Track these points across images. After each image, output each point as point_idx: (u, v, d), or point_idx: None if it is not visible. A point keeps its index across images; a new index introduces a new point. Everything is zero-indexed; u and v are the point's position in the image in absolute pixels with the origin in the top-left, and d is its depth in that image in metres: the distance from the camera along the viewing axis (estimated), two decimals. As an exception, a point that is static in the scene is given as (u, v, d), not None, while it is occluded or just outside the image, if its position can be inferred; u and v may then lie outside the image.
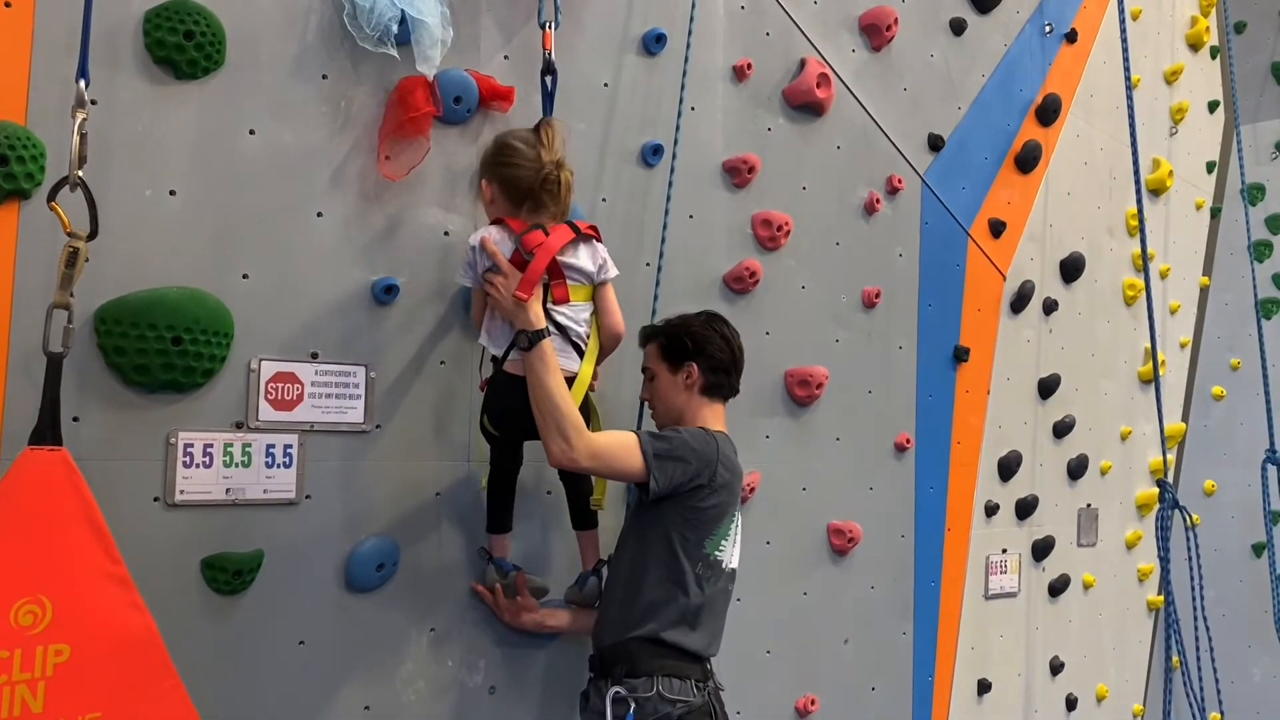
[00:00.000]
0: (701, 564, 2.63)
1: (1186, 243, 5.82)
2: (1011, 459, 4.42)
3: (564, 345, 2.55)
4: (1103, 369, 5.03)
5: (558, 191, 2.54)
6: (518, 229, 2.51)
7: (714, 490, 2.63)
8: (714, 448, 2.64)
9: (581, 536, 2.84)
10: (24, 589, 1.81)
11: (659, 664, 2.56)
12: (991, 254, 4.33)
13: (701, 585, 2.62)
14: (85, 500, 1.89)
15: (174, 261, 2.31)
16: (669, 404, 2.79)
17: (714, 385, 2.78)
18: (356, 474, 2.56)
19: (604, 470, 2.56)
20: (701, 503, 2.62)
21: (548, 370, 2.43)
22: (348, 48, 2.54)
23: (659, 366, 2.79)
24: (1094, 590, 4.99)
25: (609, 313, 2.66)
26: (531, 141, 2.55)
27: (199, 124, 2.36)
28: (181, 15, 2.29)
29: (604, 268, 2.64)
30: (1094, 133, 4.95)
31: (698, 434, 2.66)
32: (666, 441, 2.59)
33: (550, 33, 2.75)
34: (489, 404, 2.60)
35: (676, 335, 2.78)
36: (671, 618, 2.59)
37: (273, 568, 2.43)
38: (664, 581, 2.60)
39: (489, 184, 2.58)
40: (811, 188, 3.60)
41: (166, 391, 2.29)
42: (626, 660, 2.56)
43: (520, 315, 2.44)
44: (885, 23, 3.79)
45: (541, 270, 2.46)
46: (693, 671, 2.60)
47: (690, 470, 2.58)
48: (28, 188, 2.11)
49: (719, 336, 2.79)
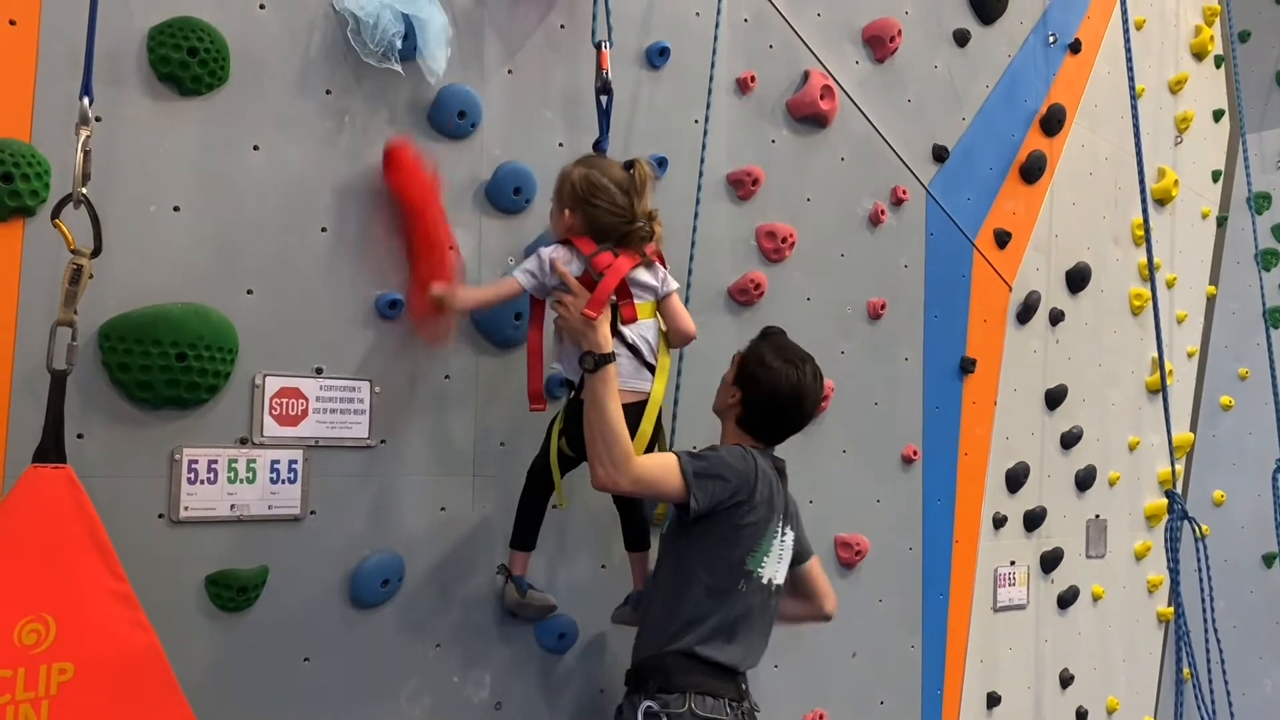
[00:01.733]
0: (743, 579, 2.60)
1: (1193, 252, 5.81)
2: (1019, 470, 4.41)
3: (638, 367, 2.57)
4: (1110, 379, 5.01)
5: (644, 245, 2.56)
6: (586, 250, 2.51)
7: (753, 507, 2.60)
8: (752, 464, 2.62)
9: (635, 558, 2.85)
10: (28, 607, 1.80)
11: (693, 680, 2.52)
12: (997, 264, 4.32)
13: (740, 599, 2.59)
14: (89, 518, 1.88)
15: (178, 277, 2.31)
16: (719, 402, 2.84)
17: (755, 428, 2.75)
18: (361, 489, 2.55)
19: (646, 493, 2.57)
20: (741, 519, 2.59)
21: (609, 394, 2.42)
22: (351, 63, 2.54)
23: (730, 371, 2.82)
24: (1103, 602, 4.96)
25: (678, 316, 2.66)
26: (625, 185, 2.53)
27: (203, 140, 2.36)
28: (185, 32, 2.30)
29: (665, 281, 2.64)
30: (1099, 142, 4.94)
31: (736, 452, 2.64)
32: (705, 460, 2.56)
33: (606, 52, 2.73)
34: (568, 430, 2.59)
35: (746, 360, 2.78)
36: (707, 632, 2.55)
37: (277, 584, 2.42)
38: (702, 596, 2.57)
39: (572, 214, 2.54)
40: (816, 199, 3.60)
41: (171, 408, 2.28)
42: (661, 675, 2.53)
43: (589, 336, 2.43)
44: (889, 34, 3.79)
45: (610, 290, 2.46)
46: (727, 690, 2.57)
47: (729, 488, 2.55)
48: (32, 205, 2.11)
49: (789, 388, 2.70)
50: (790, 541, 2.76)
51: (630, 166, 2.57)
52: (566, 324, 2.49)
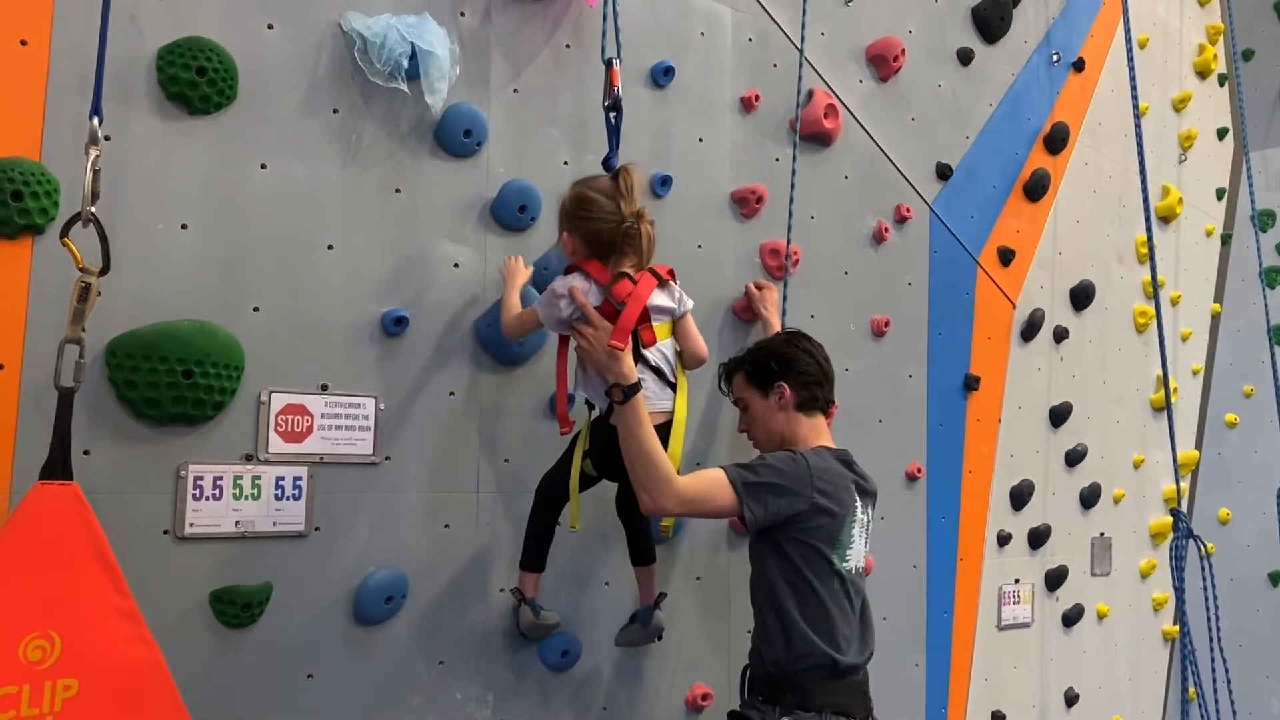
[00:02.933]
0: (836, 580, 2.59)
1: (1197, 269, 5.81)
2: (1024, 488, 4.40)
3: (662, 387, 2.60)
4: (1114, 397, 5.01)
5: (639, 243, 2.57)
6: (602, 279, 2.54)
7: (816, 510, 2.56)
8: (804, 467, 2.57)
9: (640, 572, 2.84)
10: (33, 624, 1.81)
11: (828, 699, 2.54)
12: (1001, 282, 4.32)
13: (839, 599, 2.59)
14: (95, 534, 1.89)
15: (185, 295, 2.32)
16: (768, 428, 2.78)
17: (808, 400, 2.76)
18: (365, 506, 2.56)
19: (697, 513, 2.59)
20: (809, 524, 2.56)
21: (640, 423, 2.45)
22: (358, 82, 2.57)
23: (750, 394, 2.80)
24: (1108, 620, 4.95)
25: (692, 339, 2.71)
26: (610, 192, 2.56)
27: (211, 159, 2.38)
28: (194, 52, 2.32)
29: (682, 301, 2.68)
30: (1103, 160, 4.95)
31: (783, 457, 2.61)
32: (754, 471, 2.54)
33: (617, 69, 2.75)
34: (594, 451, 2.61)
35: (760, 360, 2.79)
36: (823, 641, 2.55)
37: (282, 600, 2.42)
38: (811, 613, 2.56)
39: (570, 236, 2.59)
40: (820, 217, 3.61)
41: (177, 424, 2.29)
42: (799, 692, 2.54)
43: (614, 368, 2.46)
44: (892, 53, 3.81)
45: (634, 320, 2.50)
46: (858, 708, 2.59)
47: (785, 497, 2.53)
48: (41, 223, 2.13)
49: (802, 352, 2.79)
50: (870, 515, 2.75)
51: (617, 175, 2.61)
52: (589, 356, 2.51)
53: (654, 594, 2.86)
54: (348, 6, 2.56)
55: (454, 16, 2.74)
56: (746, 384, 2.82)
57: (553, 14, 2.93)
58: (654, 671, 3.09)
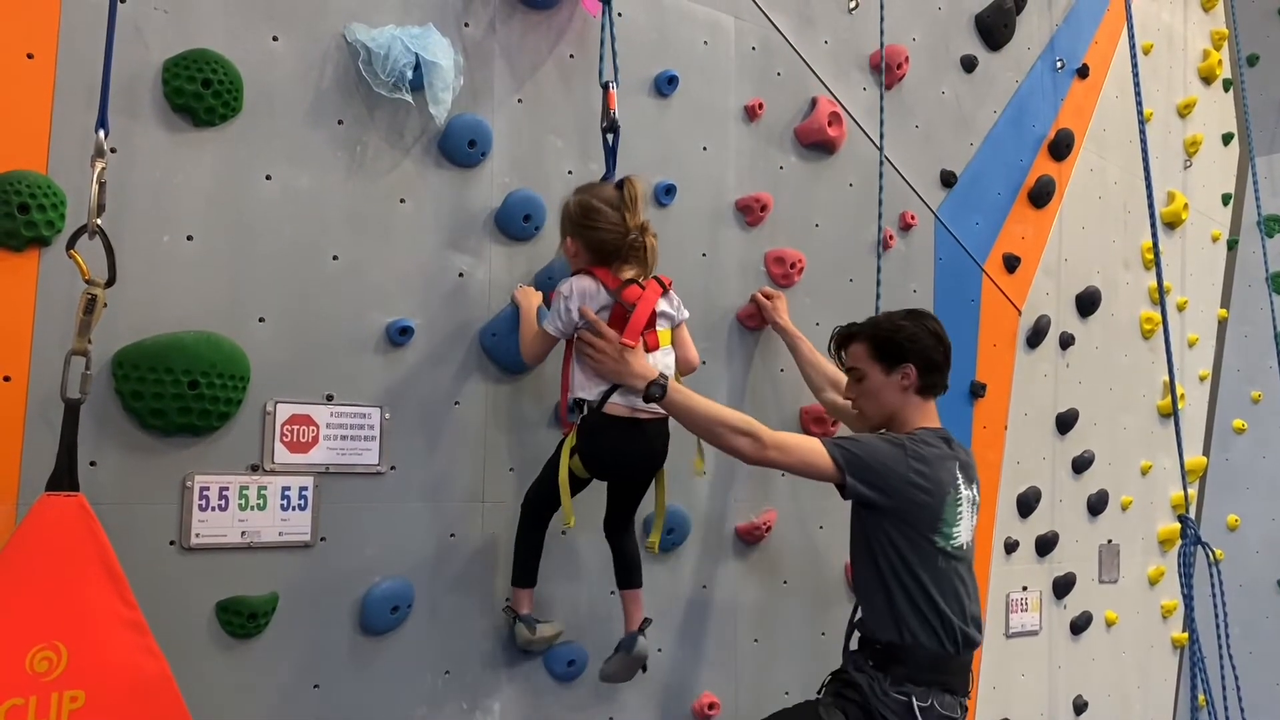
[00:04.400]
0: (942, 558, 2.59)
1: (1203, 275, 5.80)
2: (1030, 495, 4.39)
3: None
4: (1121, 403, 5.00)
5: (643, 255, 2.60)
6: (610, 283, 2.56)
7: (913, 489, 2.56)
8: (901, 450, 2.58)
9: (626, 596, 2.79)
10: (40, 635, 1.81)
11: (938, 678, 2.56)
12: (1006, 289, 4.32)
13: (946, 575, 2.59)
14: (101, 545, 1.89)
15: (191, 306, 2.33)
16: (882, 404, 2.76)
17: (928, 386, 2.76)
18: (371, 516, 2.56)
19: (790, 463, 2.56)
20: (907, 505, 2.57)
21: (688, 399, 2.51)
22: (363, 93, 2.58)
23: (871, 367, 2.76)
24: (1117, 627, 4.93)
25: (686, 346, 2.78)
26: (615, 203, 2.58)
27: (216, 170, 2.39)
28: (200, 64, 2.33)
29: (680, 309, 2.73)
30: (1107, 167, 4.95)
31: (882, 439, 2.63)
32: (852, 445, 2.57)
33: (614, 92, 2.77)
34: (584, 447, 2.59)
35: (891, 337, 2.75)
36: (932, 619, 2.56)
37: (287, 611, 2.43)
38: (916, 597, 2.57)
39: (573, 242, 2.61)
40: (824, 225, 3.61)
41: (183, 435, 2.30)
42: (909, 665, 2.56)
43: (634, 373, 2.48)
44: (896, 61, 3.81)
45: (644, 322, 2.54)
46: (961, 687, 2.61)
47: (880, 473, 2.54)
48: (48, 235, 2.14)
49: (931, 335, 2.77)
50: (975, 492, 2.74)
51: (621, 185, 2.63)
52: (600, 368, 2.52)
53: (639, 619, 2.78)
54: (352, 18, 2.57)
55: (458, 27, 2.75)
56: (869, 356, 2.77)
57: (556, 24, 2.94)
58: (661, 681, 3.08)
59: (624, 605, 2.81)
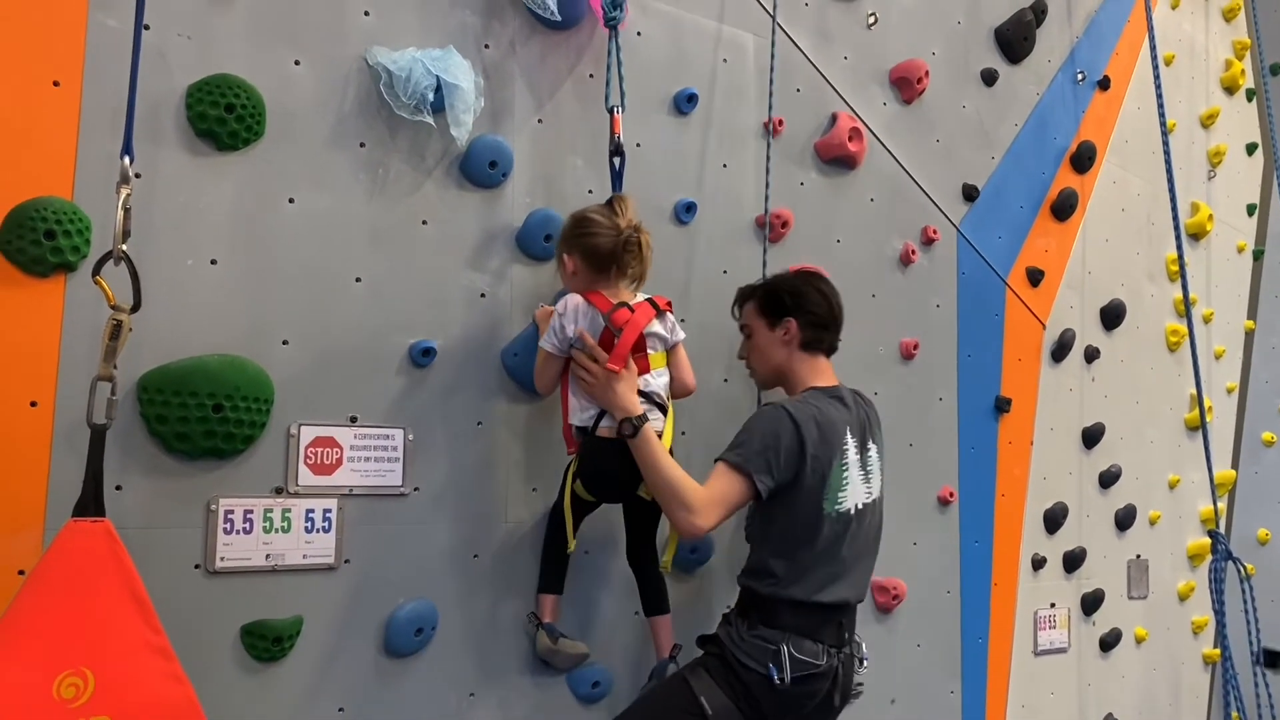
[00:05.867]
0: (824, 523, 2.61)
1: (1229, 286, 5.74)
2: (1057, 510, 4.34)
3: (650, 408, 2.60)
4: (1148, 417, 4.94)
5: (639, 252, 2.61)
6: (603, 307, 2.57)
7: (809, 451, 2.58)
8: (782, 419, 2.60)
9: (655, 622, 2.79)
10: (67, 661, 1.81)
11: (794, 623, 2.58)
12: (1030, 303, 4.29)
13: (828, 539, 2.62)
14: (127, 571, 1.89)
15: (215, 329, 2.34)
16: (768, 360, 2.84)
17: (813, 340, 2.81)
18: (394, 537, 2.56)
19: (730, 512, 2.59)
20: (803, 468, 2.59)
21: (656, 452, 2.51)
22: (384, 116, 2.58)
23: (757, 324, 2.84)
24: (1147, 644, 4.86)
25: (682, 369, 2.76)
26: (606, 213, 2.62)
27: (239, 194, 2.40)
28: (223, 89, 2.34)
29: (674, 331, 2.71)
30: (1130, 178, 4.91)
31: (763, 416, 2.66)
32: (744, 447, 2.58)
33: (619, 116, 2.79)
34: (584, 470, 2.61)
35: (774, 291, 2.84)
36: (799, 574, 2.59)
37: (312, 634, 2.42)
38: (788, 546, 2.60)
39: (570, 257, 2.62)
40: (846, 240, 3.60)
41: (207, 459, 2.30)
42: (765, 611, 2.61)
43: (618, 404, 2.50)
44: (916, 75, 3.80)
45: (630, 346, 2.54)
46: (827, 635, 2.62)
47: (783, 452, 2.56)
48: (74, 260, 2.15)
49: (815, 292, 2.84)
50: (874, 456, 2.77)
51: (609, 200, 2.67)
52: (593, 390, 2.53)
53: (669, 646, 2.78)
54: (373, 41, 2.58)
55: (478, 49, 2.76)
56: (756, 312, 2.86)
57: (575, 44, 2.94)
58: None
59: (653, 632, 2.80)
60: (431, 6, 2.70)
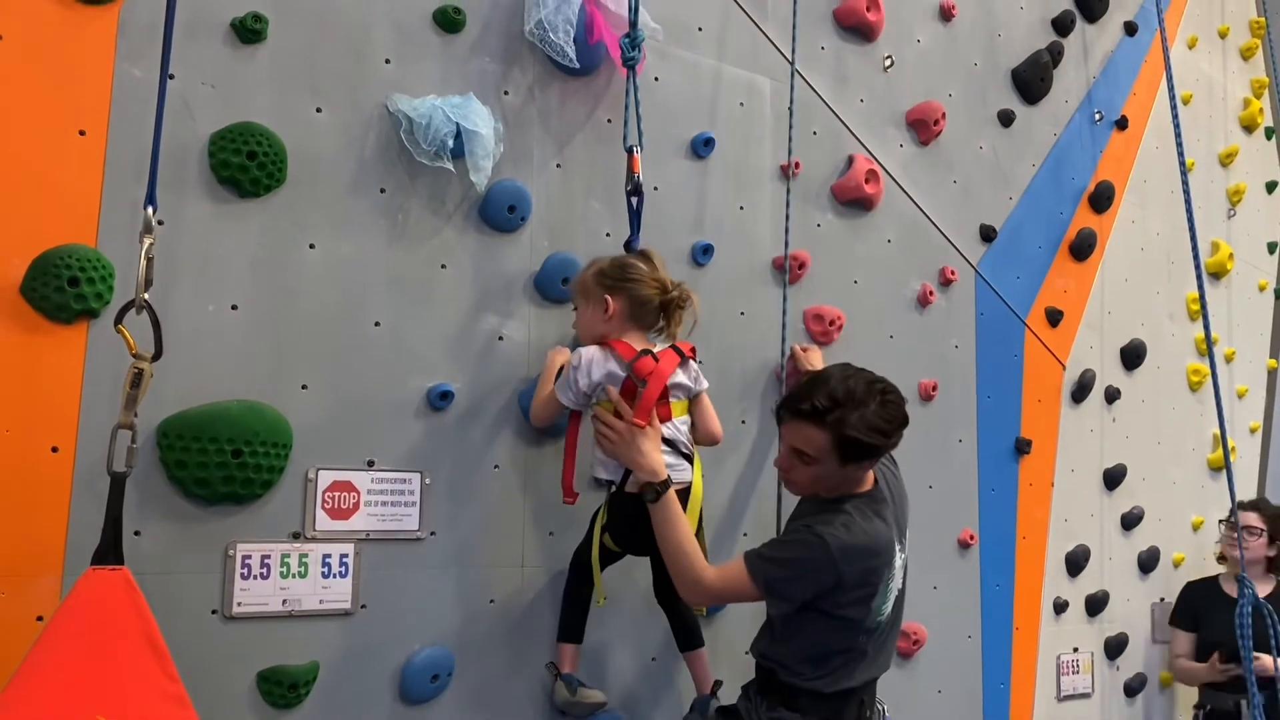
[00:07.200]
0: (863, 636, 2.47)
1: (1251, 325, 5.70)
2: (1079, 553, 4.29)
3: (677, 459, 2.57)
4: (1170, 457, 4.89)
5: (684, 314, 2.62)
6: (625, 354, 2.54)
7: (847, 588, 2.38)
8: (821, 549, 2.35)
9: (690, 658, 2.76)
10: (85, 709, 1.80)
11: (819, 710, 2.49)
12: (1050, 343, 4.27)
13: (861, 651, 2.49)
14: (145, 619, 1.89)
15: (235, 375, 2.35)
16: (820, 483, 2.51)
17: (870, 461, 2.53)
18: (411, 582, 2.55)
19: (729, 602, 2.58)
20: (840, 598, 2.39)
21: (673, 519, 2.45)
22: (404, 162, 2.61)
23: (828, 459, 2.42)
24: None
25: (708, 418, 2.70)
26: (646, 264, 2.62)
27: (260, 240, 2.42)
28: (245, 137, 2.37)
29: (698, 380, 2.68)
30: (1149, 218, 4.90)
31: (802, 541, 2.41)
32: (772, 562, 2.40)
33: (638, 156, 2.79)
34: (614, 526, 2.59)
35: (858, 440, 2.39)
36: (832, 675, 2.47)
37: (328, 680, 2.41)
38: (823, 653, 2.47)
39: (615, 299, 2.57)
40: (863, 282, 3.59)
41: (226, 503, 2.31)
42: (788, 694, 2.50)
43: (643, 465, 2.45)
44: (933, 117, 3.81)
45: (655, 398, 2.50)
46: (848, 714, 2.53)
47: (807, 581, 2.38)
48: (97, 307, 2.17)
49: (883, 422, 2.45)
50: (905, 558, 2.59)
51: (644, 253, 2.67)
52: (617, 452, 2.49)
53: (709, 680, 2.75)
54: (394, 89, 2.61)
55: (498, 95, 2.79)
56: (829, 448, 2.41)
57: (593, 90, 2.97)
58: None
59: (691, 669, 2.78)
60: (452, 54, 2.73)
